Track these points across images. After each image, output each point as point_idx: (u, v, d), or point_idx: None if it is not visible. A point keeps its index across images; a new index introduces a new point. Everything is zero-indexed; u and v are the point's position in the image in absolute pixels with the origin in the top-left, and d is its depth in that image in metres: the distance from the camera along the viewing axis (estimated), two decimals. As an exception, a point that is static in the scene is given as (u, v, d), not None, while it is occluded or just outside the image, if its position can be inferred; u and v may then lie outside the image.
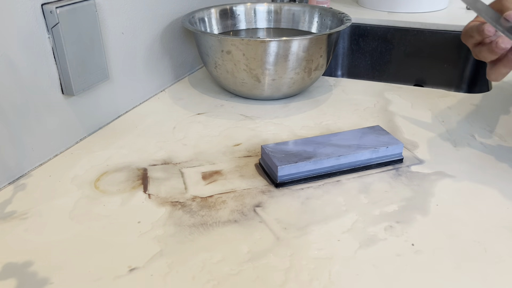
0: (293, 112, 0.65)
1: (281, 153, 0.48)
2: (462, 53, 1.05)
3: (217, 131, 0.59)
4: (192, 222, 0.42)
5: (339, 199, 0.45)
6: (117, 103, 0.63)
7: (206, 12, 0.76)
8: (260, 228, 0.41)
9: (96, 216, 0.43)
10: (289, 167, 0.46)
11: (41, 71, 0.49)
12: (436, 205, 0.44)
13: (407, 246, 0.39)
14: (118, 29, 0.60)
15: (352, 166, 0.49)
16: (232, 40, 0.61)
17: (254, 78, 0.64)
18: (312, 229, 0.41)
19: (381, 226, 0.41)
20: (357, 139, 0.51)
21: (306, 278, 0.35)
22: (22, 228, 0.41)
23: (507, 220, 0.42)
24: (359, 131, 0.53)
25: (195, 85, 0.74)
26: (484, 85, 0.83)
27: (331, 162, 0.48)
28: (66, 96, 0.53)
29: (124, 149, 0.55)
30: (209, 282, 0.35)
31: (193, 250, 0.38)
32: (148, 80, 0.68)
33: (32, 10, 0.47)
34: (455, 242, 0.39)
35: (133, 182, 0.48)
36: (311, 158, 0.47)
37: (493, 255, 0.38)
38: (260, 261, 0.37)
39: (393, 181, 0.48)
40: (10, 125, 0.47)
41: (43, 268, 0.37)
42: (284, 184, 0.47)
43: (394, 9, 1.15)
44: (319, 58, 0.65)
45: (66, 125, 0.54)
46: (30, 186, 0.47)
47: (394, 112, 0.64)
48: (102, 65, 0.56)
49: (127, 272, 0.36)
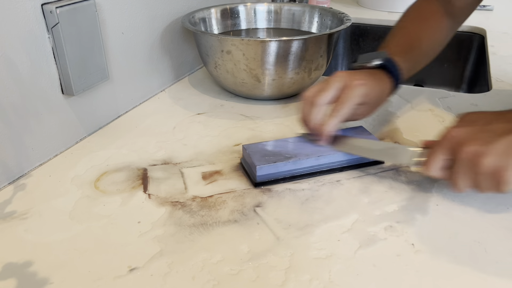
0: (293, 112, 0.65)
1: (261, 153, 0.48)
2: (462, 53, 1.05)
3: (217, 131, 0.59)
4: (192, 222, 0.42)
5: (339, 199, 0.45)
6: (117, 103, 0.62)
7: (206, 12, 0.76)
8: (260, 228, 0.41)
9: (96, 216, 0.43)
10: (268, 167, 0.46)
11: (41, 71, 0.49)
12: (436, 205, 0.44)
13: (407, 246, 0.39)
14: (118, 29, 0.60)
15: (331, 167, 0.49)
16: (232, 40, 0.61)
17: (254, 78, 0.64)
18: (312, 229, 0.41)
19: (381, 226, 0.41)
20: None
21: (306, 278, 0.35)
22: (22, 228, 0.41)
23: (507, 220, 0.42)
24: (342, 131, 0.52)
25: (195, 85, 0.74)
26: (484, 85, 0.83)
27: (311, 162, 0.48)
28: (66, 96, 0.53)
29: (124, 149, 0.55)
30: (209, 282, 0.35)
31: (193, 250, 0.38)
32: (148, 80, 0.68)
33: (32, 10, 0.47)
34: (455, 242, 0.39)
35: (133, 182, 0.48)
36: (291, 158, 0.47)
37: (493, 255, 0.38)
38: (260, 261, 0.37)
39: (393, 181, 0.48)
40: (10, 125, 0.47)
41: (43, 268, 0.37)
42: (263, 184, 0.47)
43: (394, 9, 1.15)
44: (319, 58, 0.65)
45: (66, 125, 0.54)
46: (30, 186, 0.47)
47: (394, 112, 0.64)
48: (102, 65, 0.56)
49: (127, 272, 0.36)
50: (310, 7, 0.79)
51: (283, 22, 0.81)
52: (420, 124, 0.60)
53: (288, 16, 0.81)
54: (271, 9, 0.81)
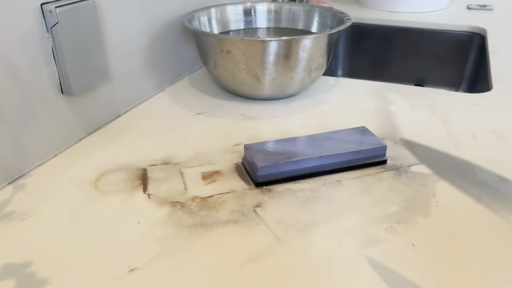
0: (293, 112, 0.65)
1: (262, 153, 0.48)
2: (462, 53, 1.05)
3: (217, 131, 0.59)
4: (192, 222, 0.42)
5: (340, 199, 0.45)
6: (117, 103, 0.62)
7: (206, 12, 0.76)
8: (260, 229, 0.41)
9: (96, 216, 0.43)
10: (270, 167, 0.46)
11: (41, 71, 0.49)
12: (437, 206, 0.44)
13: (407, 247, 0.39)
14: (118, 29, 0.60)
15: (334, 167, 0.49)
16: (232, 40, 0.61)
17: (254, 78, 0.64)
18: (312, 230, 0.41)
19: (382, 227, 0.41)
20: (341, 140, 0.51)
21: (306, 279, 0.35)
22: (21, 228, 0.41)
23: (507, 220, 0.42)
24: (344, 131, 0.52)
25: (195, 85, 0.74)
26: (484, 85, 0.83)
27: (313, 163, 0.48)
28: (66, 96, 0.53)
29: (123, 149, 0.54)
30: (209, 282, 0.35)
31: (193, 250, 0.38)
32: (147, 80, 0.68)
33: (31, 9, 0.47)
34: (456, 242, 0.39)
35: (132, 182, 0.48)
36: (293, 158, 0.47)
37: (493, 255, 0.38)
38: (260, 261, 0.37)
39: (393, 182, 0.48)
40: (9, 125, 0.47)
41: (43, 268, 0.36)
42: (264, 184, 0.47)
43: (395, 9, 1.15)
44: (319, 57, 0.65)
45: (65, 125, 0.54)
46: (29, 186, 0.47)
47: (394, 112, 0.63)
48: (101, 64, 0.56)
49: (127, 272, 0.36)
50: (310, 7, 0.79)
51: (283, 22, 0.81)
52: (420, 124, 0.60)
53: (288, 15, 0.81)
54: (271, 8, 0.81)
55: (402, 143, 0.55)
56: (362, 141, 0.51)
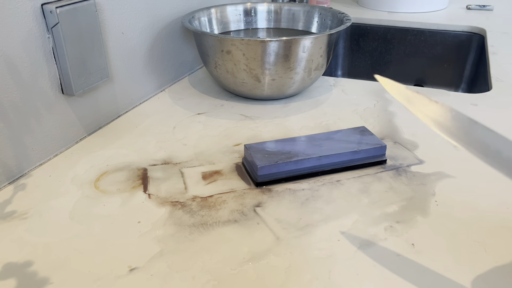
0: (293, 112, 0.65)
1: (262, 153, 0.48)
2: (462, 53, 1.05)
3: (217, 131, 0.59)
4: (192, 222, 0.42)
5: (339, 199, 0.45)
6: (117, 103, 0.63)
7: (206, 12, 0.76)
8: (260, 228, 0.41)
9: (96, 216, 0.43)
10: (270, 167, 0.46)
11: (41, 71, 0.49)
12: (436, 205, 0.44)
13: (407, 246, 0.39)
14: (118, 29, 0.60)
15: (333, 167, 0.49)
16: (232, 40, 0.61)
17: (254, 78, 0.64)
18: (312, 229, 0.41)
19: (381, 226, 0.41)
20: (341, 140, 0.51)
21: (306, 278, 0.35)
22: (22, 228, 0.41)
23: (507, 220, 0.42)
24: (344, 131, 0.53)
25: (195, 85, 0.74)
26: (484, 85, 0.83)
27: (313, 162, 0.48)
28: (66, 96, 0.53)
29: (124, 149, 0.55)
30: (209, 282, 0.35)
31: (193, 250, 0.38)
32: (148, 80, 0.68)
33: (32, 10, 0.47)
34: (455, 242, 0.39)
35: (133, 182, 0.48)
36: (292, 158, 0.47)
37: (493, 255, 0.38)
38: (260, 261, 0.37)
39: (393, 181, 0.48)
40: (10, 125, 0.47)
41: (43, 268, 0.37)
42: (264, 184, 0.47)
43: (394, 9, 1.15)
44: (319, 58, 0.65)
45: (66, 125, 0.54)
46: (30, 186, 0.47)
47: (394, 112, 0.64)
48: (102, 65, 0.56)
49: (127, 272, 0.36)
50: (310, 7, 0.79)
51: (283, 22, 0.81)
52: (420, 124, 0.60)
53: (288, 16, 0.81)
54: (271, 9, 0.81)
55: (401, 143, 0.55)
56: (361, 141, 0.51)
